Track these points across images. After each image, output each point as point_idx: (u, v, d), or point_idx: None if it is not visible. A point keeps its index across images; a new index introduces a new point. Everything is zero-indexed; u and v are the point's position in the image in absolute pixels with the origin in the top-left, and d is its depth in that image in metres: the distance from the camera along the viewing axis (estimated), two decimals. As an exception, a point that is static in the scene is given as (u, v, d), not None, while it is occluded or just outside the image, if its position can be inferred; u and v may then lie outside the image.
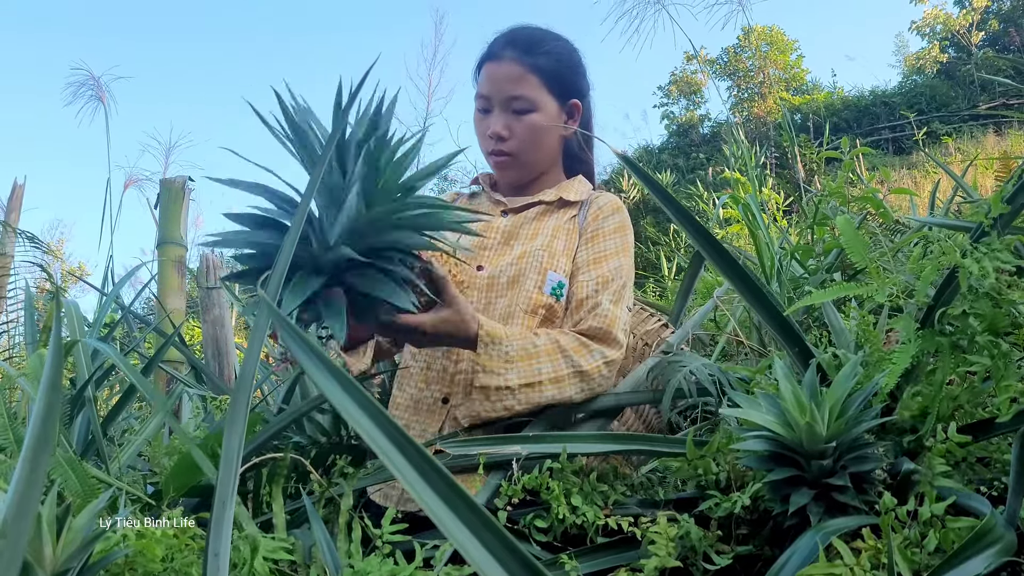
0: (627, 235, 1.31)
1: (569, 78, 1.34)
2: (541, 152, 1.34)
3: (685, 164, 18.44)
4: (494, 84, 1.29)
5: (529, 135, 1.30)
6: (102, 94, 3.58)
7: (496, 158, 1.31)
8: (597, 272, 1.24)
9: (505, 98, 1.29)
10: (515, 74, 1.27)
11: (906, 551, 0.67)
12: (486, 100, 1.31)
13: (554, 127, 1.32)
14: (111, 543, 0.68)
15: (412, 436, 0.47)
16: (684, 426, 1.52)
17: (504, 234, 1.33)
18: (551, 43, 1.32)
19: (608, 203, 1.33)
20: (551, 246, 1.27)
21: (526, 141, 1.30)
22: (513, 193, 1.40)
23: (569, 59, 1.35)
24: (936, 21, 20.69)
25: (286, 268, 0.60)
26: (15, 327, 2.48)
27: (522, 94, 1.28)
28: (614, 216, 1.31)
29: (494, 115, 1.30)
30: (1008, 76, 13.31)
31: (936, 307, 0.91)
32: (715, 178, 11.67)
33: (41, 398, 0.42)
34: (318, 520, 0.85)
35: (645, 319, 1.51)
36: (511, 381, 1.09)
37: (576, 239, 1.30)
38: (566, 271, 1.27)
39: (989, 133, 11.26)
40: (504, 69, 1.28)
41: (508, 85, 1.28)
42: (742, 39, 20.54)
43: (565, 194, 1.35)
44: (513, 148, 1.30)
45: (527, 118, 1.29)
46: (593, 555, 0.83)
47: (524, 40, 1.30)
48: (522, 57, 1.28)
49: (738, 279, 1.09)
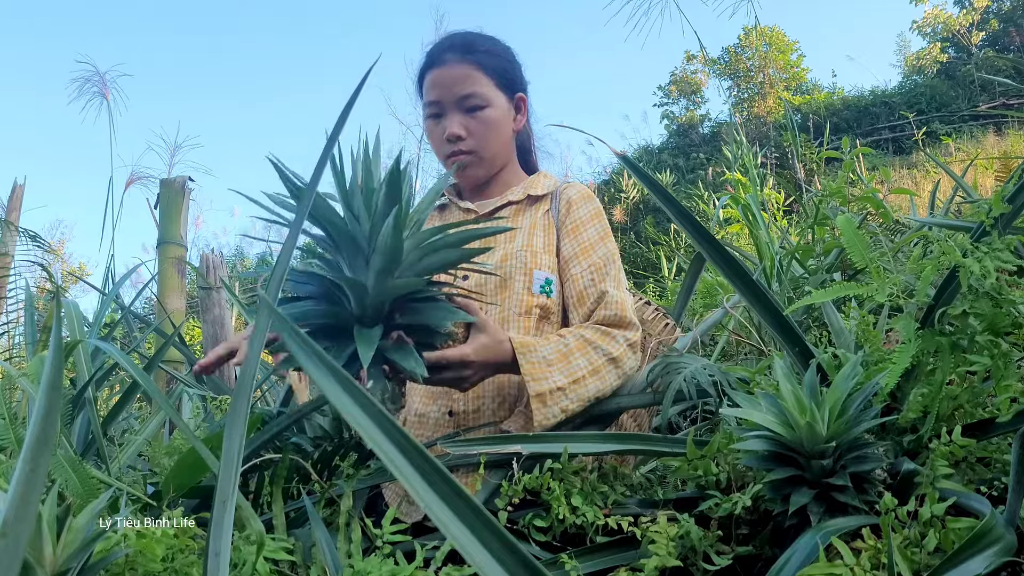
0: (604, 219, 1.33)
1: (512, 72, 1.36)
2: (499, 146, 1.35)
3: (685, 164, 18.44)
4: (443, 88, 1.29)
5: (486, 131, 1.31)
6: (106, 91, 3.57)
7: (456, 158, 1.31)
8: (588, 262, 1.25)
9: (456, 99, 1.29)
10: (462, 74, 1.29)
11: (906, 551, 0.67)
12: (437, 106, 1.31)
13: (506, 121, 1.34)
14: (111, 543, 0.68)
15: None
16: (684, 426, 1.52)
17: (480, 242, 1.33)
18: (488, 42, 1.34)
19: (578, 193, 1.34)
20: (531, 244, 1.28)
21: (484, 137, 1.31)
22: (479, 198, 1.40)
23: (508, 55, 1.37)
24: (936, 21, 20.69)
25: (285, 269, 0.60)
26: (15, 327, 2.48)
27: (473, 91, 1.29)
28: (587, 204, 1.33)
29: (448, 118, 1.30)
30: (1008, 76, 13.31)
31: (936, 307, 0.91)
32: (715, 178, 11.68)
33: (41, 398, 0.42)
34: (318, 520, 0.85)
35: (641, 307, 1.51)
36: (559, 381, 1.09)
37: (554, 234, 1.31)
38: (551, 267, 1.27)
39: (989, 133, 11.26)
40: (450, 71, 1.29)
41: (457, 86, 1.29)
42: (743, 39, 20.54)
43: (532, 190, 1.35)
44: (472, 146, 1.31)
45: (481, 114, 1.30)
46: (593, 555, 0.83)
47: (462, 43, 1.32)
48: (465, 57, 1.29)
49: (738, 279, 1.09)
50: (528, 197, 1.35)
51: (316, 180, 0.66)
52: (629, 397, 1.22)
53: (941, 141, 9.80)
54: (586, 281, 1.24)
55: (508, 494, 0.91)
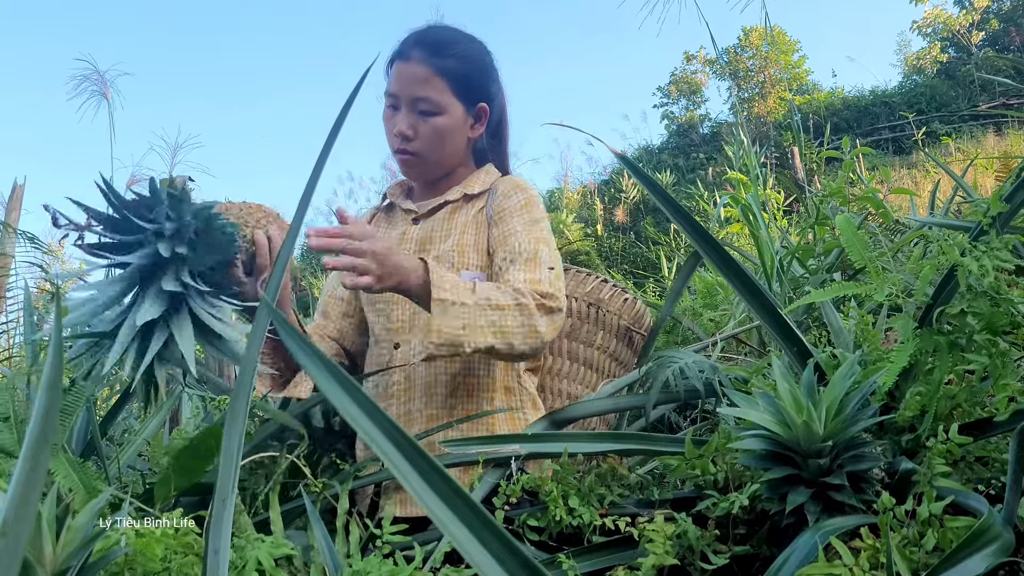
0: (534, 208, 1.30)
1: (477, 81, 1.34)
2: (445, 153, 1.34)
3: (685, 164, 18.43)
4: (401, 84, 1.29)
5: (433, 137, 1.30)
6: (106, 90, 3.57)
7: (401, 156, 1.32)
8: (508, 247, 1.24)
9: (411, 99, 1.29)
10: (421, 76, 1.27)
11: (904, 550, 0.67)
12: (394, 98, 1.31)
13: (459, 129, 1.33)
14: (110, 542, 0.69)
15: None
16: (684, 425, 1.53)
17: (418, 243, 1.33)
18: (462, 45, 1.33)
19: (510, 185, 1.34)
20: (461, 243, 1.28)
21: (430, 142, 1.31)
22: (425, 196, 1.41)
23: (479, 62, 1.35)
24: (937, 21, 20.69)
25: (284, 270, 0.60)
26: (15, 327, 2.49)
27: (427, 96, 1.28)
28: (517, 194, 1.32)
29: (401, 114, 1.30)
30: (1008, 76, 13.30)
31: (935, 306, 0.91)
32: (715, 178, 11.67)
33: (41, 398, 0.42)
34: (318, 520, 0.85)
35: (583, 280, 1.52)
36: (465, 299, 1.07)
37: (485, 231, 1.31)
38: (479, 265, 1.27)
39: (989, 133, 11.25)
40: (411, 70, 1.28)
41: (414, 86, 1.28)
42: (743, 39, 20.55)
43: (469, 188, 1.36)
44: (417, 148, 1.31)
45: (432, 121, 1.29)
46: (590, 554, 0.83)
47: (433, 41, 1.30)
48: (430, 59, 1.28)
49: (737, 278, 1.09)
50: (464, 196, 1.36)
51: (316, 180, 0.66)
52: (627, 398, 1.23)
53: (941, 141, 9.80)
54: (503, 264, 1.22)
55: (506, 493, 0.92)
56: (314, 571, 0.81)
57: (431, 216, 1.36)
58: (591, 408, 1.25)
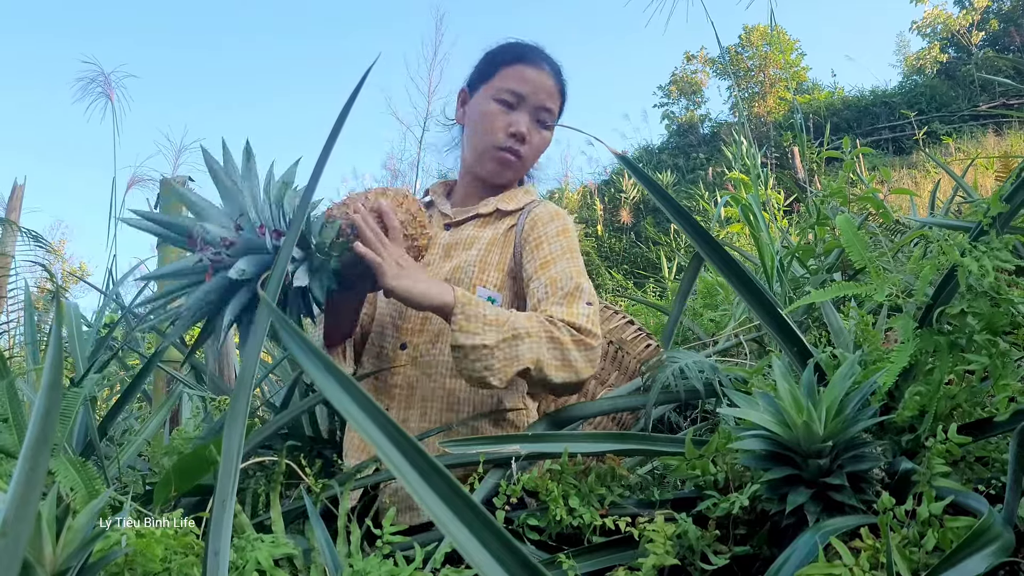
0: (570, 238, 1.29)
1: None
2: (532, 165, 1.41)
3: (685, 164, 18.44)
4: (533, 88, 1.32)
5: (539, 148, 1.37)
6: (110, 91, 3.59)
7: (505, 154, 1.33)
8: (546, 277, 1.21)
9: (538, 106, 1.33)
10: (553, 90, 1.34)
11: (904, 550, 0.67)
12: (518, 97, 1.32)
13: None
14: (110, 542, 0.69)
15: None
16: (684, 425, 1.53)
17: (444, 248, 1.34)
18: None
19: (545, 211, 1.33)
20: (484, 259, 1.28)
21: (535, 152, 1.37)
22: (466, 201, 1.42)
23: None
24: (936, 21, 20.70)
25: (284, 271, 0.60)
26: (15, 327, 2.49)
27: (552, 109, 1.35)
28: (554, 222, 1.30)
29: (520, 115, 1.32)
30: (1008, 76, 13.30)
31: (935, 306, 0.91)
32: (716, 178, 11.67)
33: (41, 398, 0.42)
34: (318, 520, 0.85)
35: (608, 316, 1.51)
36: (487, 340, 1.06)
37: (511, 251, 1.30)
38: (497, 285, 1.26)
39: (989, 133, 11.25)
40: (545, 80, 1.33)
41: (545, 96, 1.33)
42: (743, 38, 20.55)
43: (503, 204, 1.36)
44: (525, 153, 1.35)
45: (544, 133, 1.36)
46: (590, 555, 0.83)
47: (554, 61, 1.37)
48: (557, 77, 1.35)
49: (737, 279, 1.09)
50: (497, 211, 1.36)
51: (315, 180, 0.66)
52: (625, 398, 1.23)
53: (941, 141, 9.81)
54: (540, 295, 1.20)
55: (507, 493, 0.92)
56: (314, 571, 0.81)
57: (461, 225, 1.37)
58: (591, 408, 1.24)
